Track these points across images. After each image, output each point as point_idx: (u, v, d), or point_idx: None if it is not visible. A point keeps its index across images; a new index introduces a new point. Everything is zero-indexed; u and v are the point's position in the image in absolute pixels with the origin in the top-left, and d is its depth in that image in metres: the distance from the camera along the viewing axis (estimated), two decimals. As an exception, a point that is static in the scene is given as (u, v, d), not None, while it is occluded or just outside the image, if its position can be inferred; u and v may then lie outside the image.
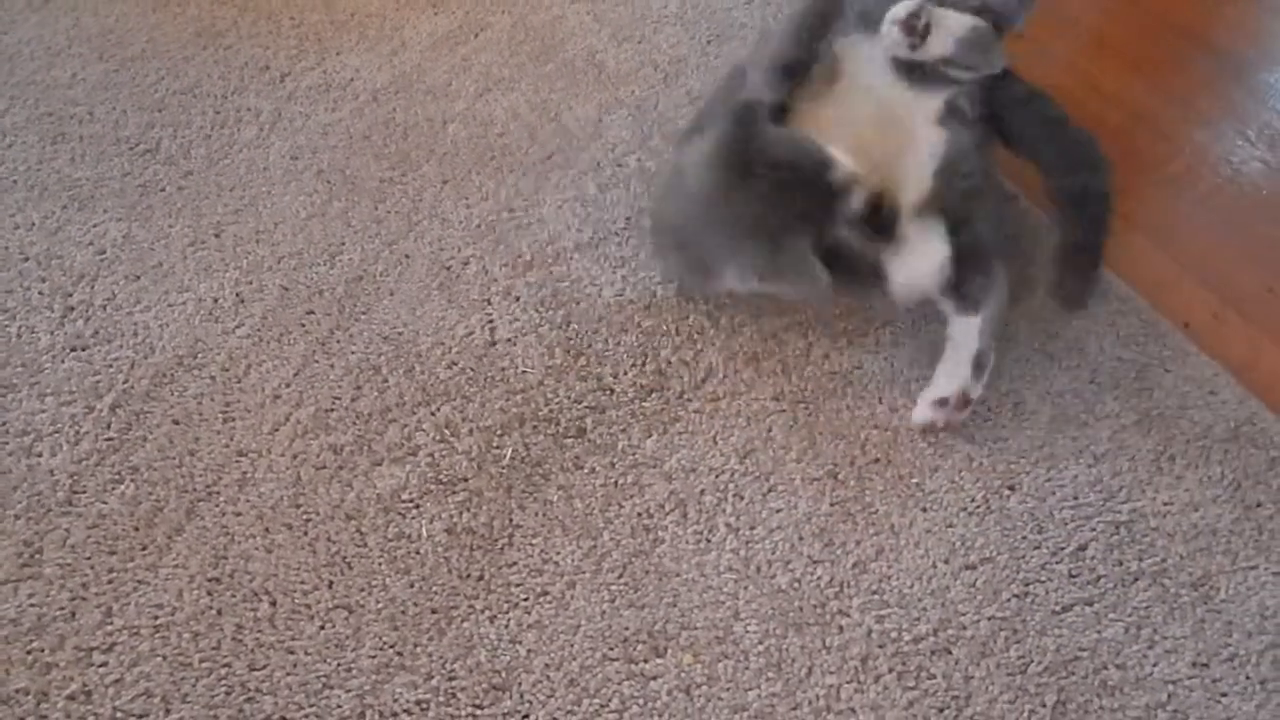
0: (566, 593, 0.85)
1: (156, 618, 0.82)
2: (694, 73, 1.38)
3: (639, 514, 0.90)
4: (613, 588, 0.85)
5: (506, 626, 0.83)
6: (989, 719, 0.79)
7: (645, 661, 0.81)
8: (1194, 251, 1.16)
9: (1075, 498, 0.92)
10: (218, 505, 0.89)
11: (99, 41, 1.37)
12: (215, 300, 1.06)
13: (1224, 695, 0.81)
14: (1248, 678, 0.82)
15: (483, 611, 0.83)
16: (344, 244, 1.13)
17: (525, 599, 0.84)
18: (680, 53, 1.41)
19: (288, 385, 0.99)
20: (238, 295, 1.07)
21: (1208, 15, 1.49)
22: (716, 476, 0.92)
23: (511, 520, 0.89)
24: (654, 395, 0.99)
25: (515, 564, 0.86)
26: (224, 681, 0.79)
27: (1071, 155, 1.02)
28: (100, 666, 0.79)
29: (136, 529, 0.88)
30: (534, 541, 0.88)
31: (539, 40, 1.43)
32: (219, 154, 1.23)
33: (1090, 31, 1.48)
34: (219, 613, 0.83)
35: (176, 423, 0.95)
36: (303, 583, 0.85)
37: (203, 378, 0.99)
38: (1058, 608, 0.85)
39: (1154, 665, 0.82)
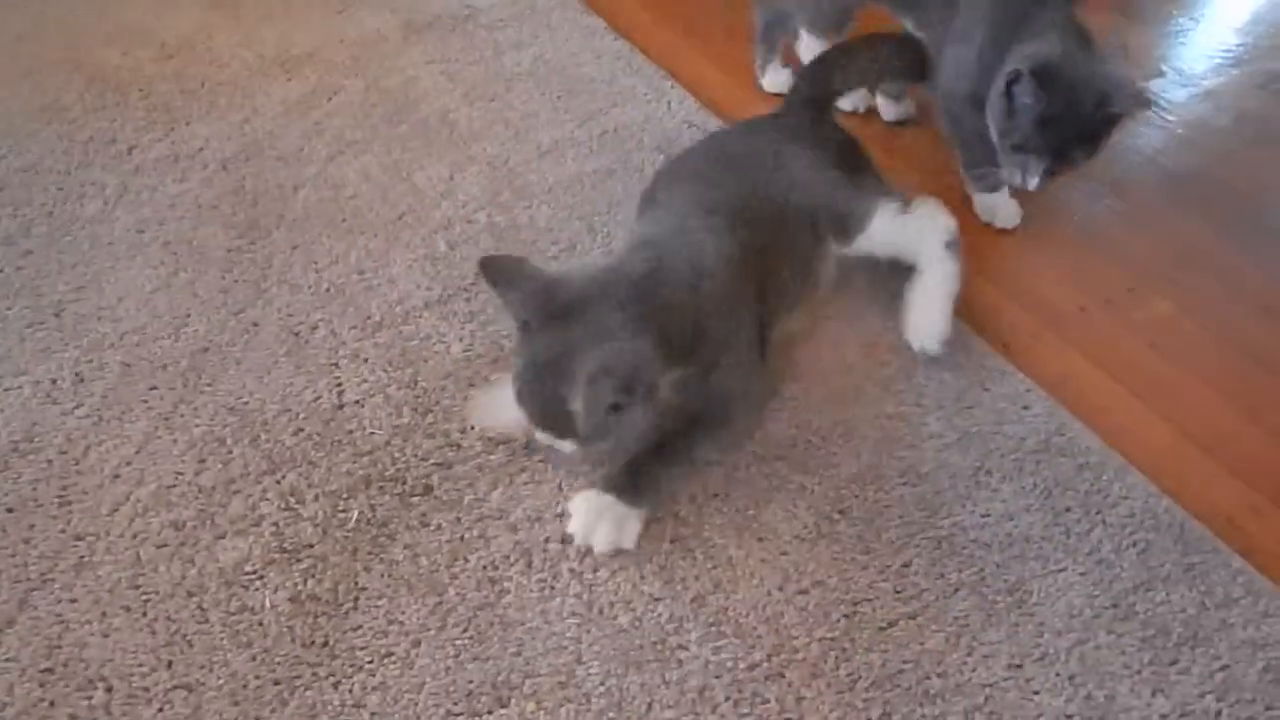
0: (411, 651, 0.86)
1: (-15, 715, 0.81)
2: (545, 128, 1.42)
3: (484, 566, 0.92)
4: (458, 642, 0.87)
5: (350, 691, 0.83)
6: (819, 737, 0.83)
7: (489, 713, 0.82)
8: (1015, 277, 1.25)
9: (900, 517, 0.98)
10: (52, 593, 0.88)
11: (-68, 123, 1.34)
12: (53, 382, 1.05)
13: (1036, 694, 0.86)
14: (1058, 675, 0.87)
15: (326, 678, 0.84)
16: (189, 315, 1.13)
17: (370, 661, 0.85)
18: (532, 108, 1.46)
19: (128, 464, 0.98)
20: (77, 375, 1.06)
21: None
22: (560, 523, 0.95)
23: (357, 583, 0.90)
24: (500, 448, 1.01)
25: (360, 627, 0.87)
26: (56, 774, 0.78)
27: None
28: (-77, 771, 0.77)
29: (-35, 624, 0.86)
30: (379, 603, 0.89)
31: (392, 102, 1.46)
32: (60, 231, 1.22)
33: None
34: (51, 704, 0.81)
35: (10, 510, 0.94)
36: (140, 665, 0.84)
37: (38, 462, 0.98)
38: (884, 624, 0.90)
39: (973, 671, 0.87)
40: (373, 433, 1.02)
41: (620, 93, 1.49)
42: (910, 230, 1.11)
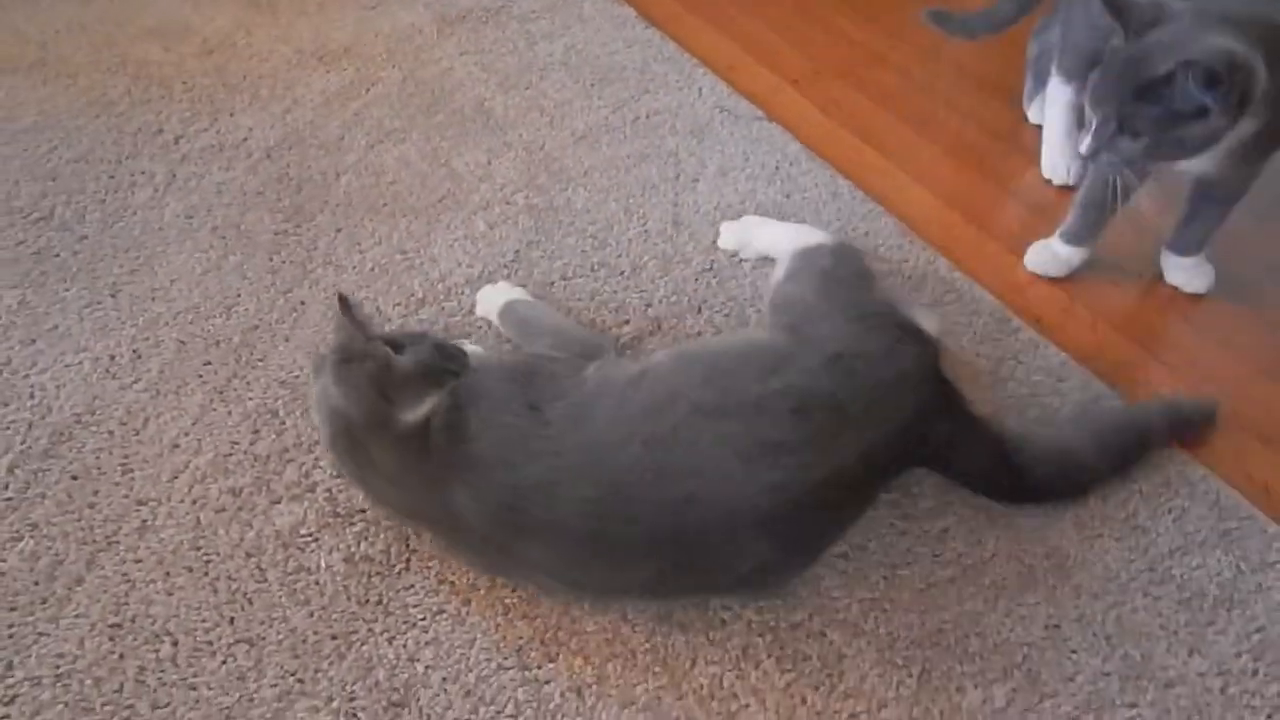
0: (462, 609, 0.89)
1: (58, 667, 0.84)
2: (579, 114, 1.45)
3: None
4: (507, 601, 0.89)
5: (405, 646, 0.86)
6: (860, 693, 0.84)
7: (538, 668, 0.85)
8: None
9: (937, 486, 0.99)
10: (118, 554, 0.92)
11: (-11, 115, 1.39)
12: (112, 358, 1.09)
13: (1074, 653, 0.88)
14: (1095, 635, 0.89)
15: (381, 634, 0.87)
16: (240, 296, 1.16)
17: (422, 618, 0.88)
18: (565, 96, 1.49)
19: (186, 434, 1.01)
20: (134, 352, 1.09)
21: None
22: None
23: (408, 545, 0.93)
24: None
25: (412, 586, 0.90)
26: (127, 723, 0.81)
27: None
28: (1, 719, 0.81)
29: (36, 583, 0.89)
30: (430, 564, 0.92)
31: (429, 92, 1.49)
32: (113, 217, 1.26)
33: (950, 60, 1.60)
34: (121, 657, 0.85)
35: (75, 478, 0.97)
36: (204, 621, 0.87)
37: (100, 433, 1.01)
38: (922, 586, 0.92)
39: (1010, 631, 0.89)
40: (419, 405, 1.05)
41: (652, 80, 1.51)
42: None
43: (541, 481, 0.82)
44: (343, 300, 0.89)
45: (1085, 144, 1.00)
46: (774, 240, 1.18)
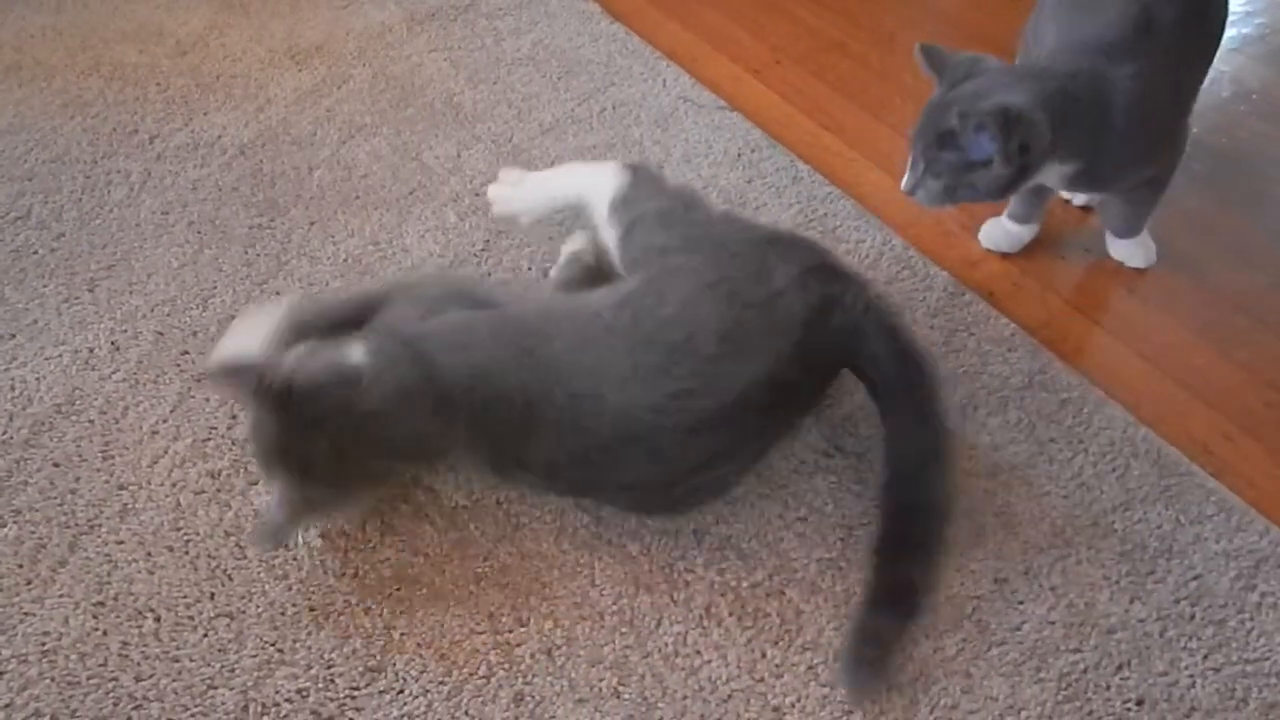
0: (436, 579, 0.92)
1: (44, 644, 0.87)
2: (546, 107, 1.49)
3: (499, 503, 0.98)
4: (478, 570, 0.93)
5: (380, 615, 0.90)
6: (818, 645, 0.88)
7: (509, 632, 0.89)
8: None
9: (891, 450, 1.04)
10: (100, 536, 0.95)
11: (-35, 118, 1.41)
12: (91, 350, 1.12)
13: (1021, 603, 0.92)
14: (1040, 586, 0.93)
15: (358, 605, 0.90)
16: (216, 288, 1.20)
17: (397, 588, 0.91)
18: (533, 90, 1.53)
19: (164, 421, 1.04)
20: (113, 344, 1.12)
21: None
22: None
23: (383, 521, 0.96)
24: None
25: (387, 559, 0.94)
26: (111, 695, 0.84)
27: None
28: (-10, 695, 0.84)
29: (21, 566, 0.92)
30: (404, 538, 0.95)
31: (399, 88, 1.52)
32: (90, 215, 1.29)
33: (905, 49, 1.64)
34: (104, 633, 0.88)
35: (57, 465, 1.00)
36: (185, 596, 0.90)
37: (81, 422, 1.04)
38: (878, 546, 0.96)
39: (960, 585, 0.93)
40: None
41: (617, 73, 1.55)
42: None
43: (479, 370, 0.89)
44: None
45: (905, 181, 1.09)
46: (556, 191, 1.18)
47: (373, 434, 0.88)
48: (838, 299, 0.95)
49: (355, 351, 0.89)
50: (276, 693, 0.84)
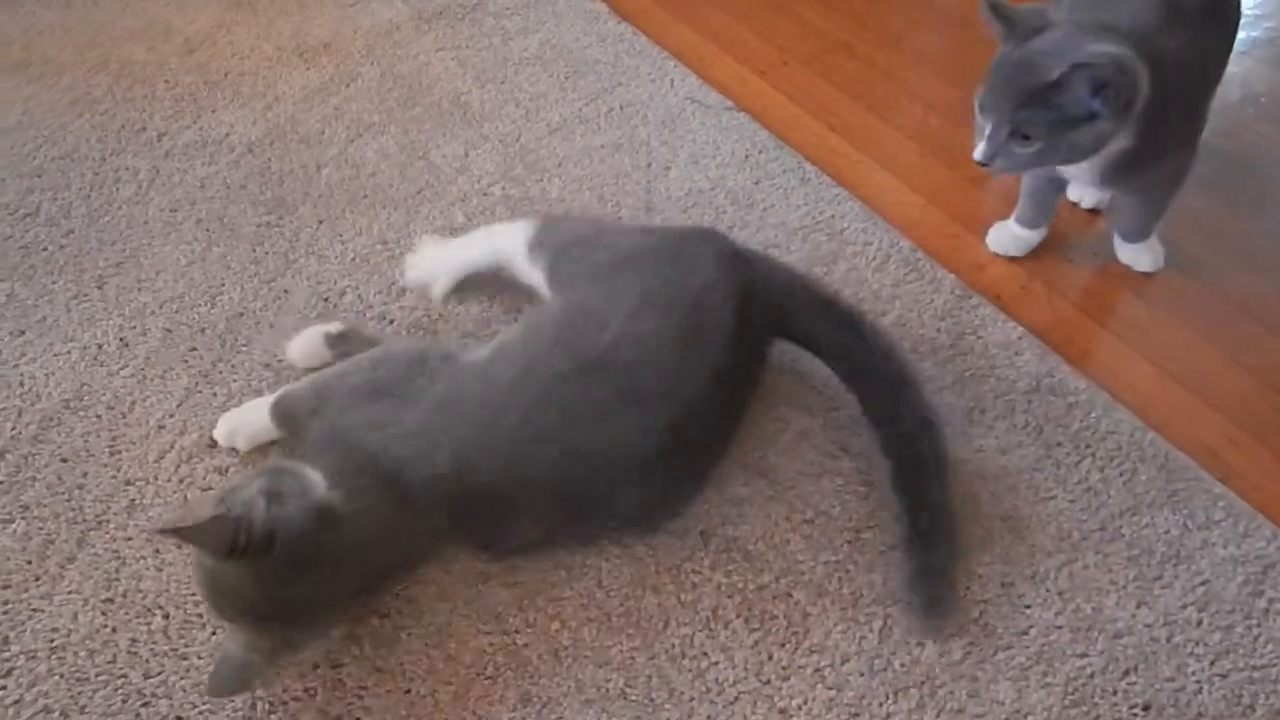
0: (443, 577, 0.92)
1: (53, 640, 0.87)
2: (553, 107, 1.49)
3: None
4: (483, 570, 0.93)
5: (388, 615, 0.90)
6: (824, 648, 0.89)
7: (516, 632, 0.89)
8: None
9: (898, 453, 1.03)
10: (108, 532, 0.95)
11: (-26, 115, 1.42)
12: (99, 346, 1.12)
13: (1028, 607, 0.92)
14: (1048, 590, 0.93)
15: (365, 604, 0.90)
16: (224, 285, 1.20)
17: (405, 588, 0.91)
18: (540, 89, 1.53)
19: (171, 416, 1.05)
20: (121, 340, 1.13)
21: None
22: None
23: (390, 520, 0.96)
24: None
25: (395, 558, 0.94)
26: (120, 691, 0.84)
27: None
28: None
29: (29, 562, 0.93)
30: (411, 537, 0.95)
31: (406, 87, 1.53)
32: (99, 212, 1.29)
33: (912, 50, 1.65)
34: (113, 630, 0.88)
35: (65, 461, 1.01)
36: (194, 594, 0.90)
37: (88, 418, 1.04)
38: (884, 548, 0.96)
39: (967, 589, 0.93)
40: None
41: (624, 73, 1.55)
42: None
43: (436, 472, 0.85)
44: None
45: (980, 150, 1.02)
46: (469, 255, 1.15)
47: (358, 562, 0.84)
48: (755, 278, 1.01)
49: (315, 482, 0.83)
50: (285, 691, 0.84)
